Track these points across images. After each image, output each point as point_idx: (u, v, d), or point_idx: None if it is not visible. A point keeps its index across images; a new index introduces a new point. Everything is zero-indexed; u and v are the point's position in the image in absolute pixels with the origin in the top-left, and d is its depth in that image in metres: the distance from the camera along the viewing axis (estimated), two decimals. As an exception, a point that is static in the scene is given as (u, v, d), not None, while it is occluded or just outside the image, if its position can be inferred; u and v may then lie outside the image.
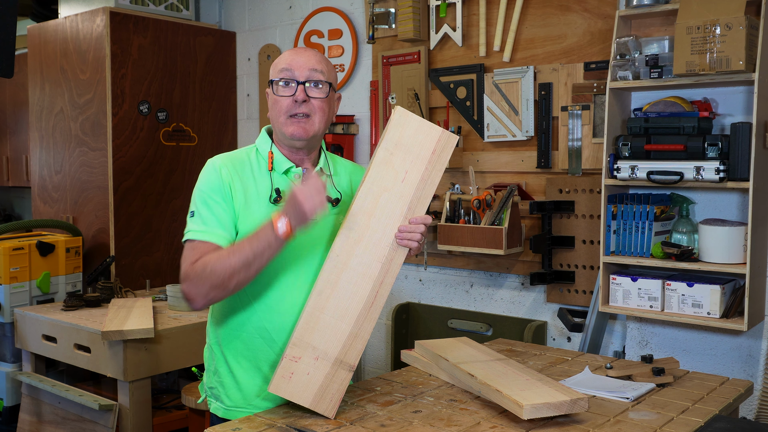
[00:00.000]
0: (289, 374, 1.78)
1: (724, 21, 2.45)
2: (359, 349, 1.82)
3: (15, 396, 3.69)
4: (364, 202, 1.83)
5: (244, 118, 4.57)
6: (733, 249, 2.58)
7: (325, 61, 1.92)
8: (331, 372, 1.80)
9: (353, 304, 1.82)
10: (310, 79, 1.87)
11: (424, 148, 1.88)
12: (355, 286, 1.82)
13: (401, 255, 1.85)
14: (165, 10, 4.27)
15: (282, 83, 1.87)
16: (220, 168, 1.87)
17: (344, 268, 1.81)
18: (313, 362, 1.79)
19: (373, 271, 1.83)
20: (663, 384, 2.12)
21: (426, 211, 1.89)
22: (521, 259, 3.31)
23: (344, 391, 1.82)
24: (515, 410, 1.77)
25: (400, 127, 1.87)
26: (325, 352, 1.80)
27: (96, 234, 4.02)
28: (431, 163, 1.88)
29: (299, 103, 1.85)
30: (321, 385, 1.79)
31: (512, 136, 3.30)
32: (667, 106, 2.70)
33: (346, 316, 1.81)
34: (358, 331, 1.82)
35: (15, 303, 3.64)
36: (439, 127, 1.91)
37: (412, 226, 1.84)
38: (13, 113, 5.16)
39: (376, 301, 1.83)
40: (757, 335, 2.72)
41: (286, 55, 1.91)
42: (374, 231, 1.83)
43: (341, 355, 1.81)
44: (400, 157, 1.86)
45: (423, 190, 1.86)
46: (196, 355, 3.24)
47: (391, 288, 1.85)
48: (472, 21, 3.44)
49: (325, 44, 4.03)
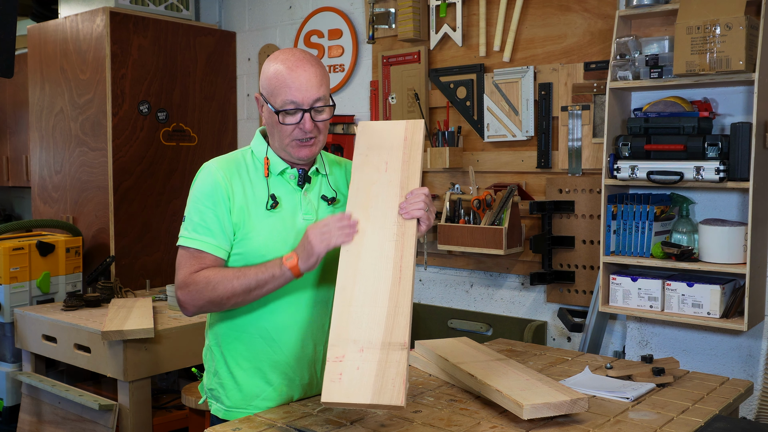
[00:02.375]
0: (338, 376, 1.62)
1: (724, 21, 2.45)
2: (404, 324, 1.67)
3: (15, 396, 3.69)
4: (356, 198, 1.84)
5: (244, 118, 4.57)
6: (733, 249, 2.58)
7: (324, 79, 1.86)
8: (382, 357, 1.63)
9: (380, 285, 1.73)
10: (315, 107, 1.84)
11: (395, 138, 1.92)
12: (375, 270, 1.75)
13: (411, 227, 1.80)
14: (165, 10, 4.27)
15: (288, 113, 1.83)
16: (216, 174, 1.86)
17: (358, 259, 1.77)
18: (359, 355, 1.64)
19: (388, 251, 1.77)
20: (663, 384, 2.12)
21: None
22: (521, 259, 3.31)
23: (405, 373, 1.60)
24: (515, 410, 1.77)
25: (366, 135, 1.94)
26: (369, 341, 1.66)
27: (96, 234, 4.02)
28: (407, 147, 1.90)
29: (306, 131, 1.84)
30: (377, 374, 1.61)
31: (512, 136, 3.30)
32: (667, 106, 2.70)
33: (377, 299, 1.72)
34: (396, 307, 1.70)
35: (15, 303, 3.64)
36: (403, 120, 1.95)
37: (411, 198, 1.80)
38: (13, 113, 5.16)
39: (403, 275, 1.74)
40: (757, 335, 2.72)
41: (285, 76, 1.81)
42: (375, 218, 1.81)
43: (386, 337, 1.66)
44: (375, 154, 1.90)
45: (409, 170, 1.87)
46: (196, 355, 3.23)
47: (414, 261, 1.77)
48: (472, 21, 3.44)
49: (325, 44, 4.03)
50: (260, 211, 1.87)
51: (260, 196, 1.88)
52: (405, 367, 1.61)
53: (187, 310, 1.84)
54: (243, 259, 1.86)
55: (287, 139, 1.86)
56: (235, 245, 1.86)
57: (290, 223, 1.88)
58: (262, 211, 1.87)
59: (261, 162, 1.92)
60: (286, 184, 1.92)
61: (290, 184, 1.92)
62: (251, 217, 1.85)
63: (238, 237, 1.85)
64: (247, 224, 1.85)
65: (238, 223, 1.85)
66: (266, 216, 1.87)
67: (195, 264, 1.82)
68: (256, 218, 1.86)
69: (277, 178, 1.91)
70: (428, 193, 1.82)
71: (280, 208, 1.88)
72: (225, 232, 1.84)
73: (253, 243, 1.85)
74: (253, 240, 1.85)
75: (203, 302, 1.80)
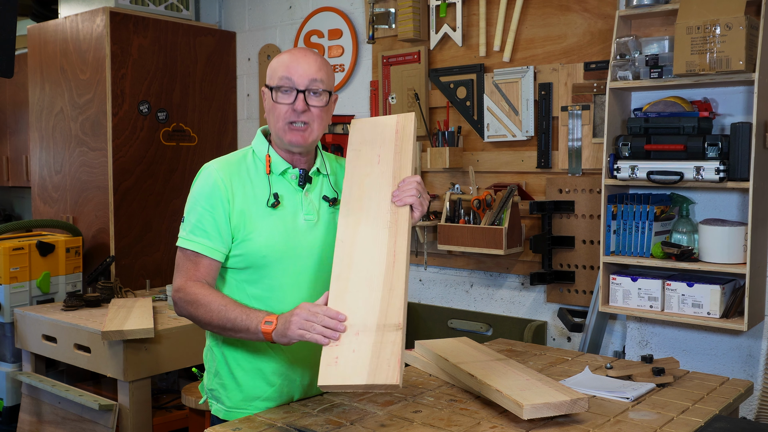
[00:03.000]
0: (334, 359, 1.63)
1: (724, 21, 2.45)
2: (399, 306, 1.68)
3: (15, 396, 3.69)
4: (351, 191, 1.87)
5: (244, 118, 4.57)
6: (733, 249, 2.58)
7: (324, 66, 1.89)
8: (377, 339, 1.64)
9: (374, 269, 1.74)
10: (310, 88, 1.85)
11: (387, 131, 1.95)
12: (369, 255, 1.76)
13: (404, 214, 1.81)
14: (165, 10, 4.27)
15: (282, 91, 1.85)
16: (216, 175, 1.85)
17: (353, 247, 1.78)
18: (354, 338, 1.65)
19: (382, 238, 1.79)
20: (663, 384, 2.12)
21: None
22: (521, 259, 3.31)
23: (400, 353, 1.61)
24: (515, 410, 1.77)
25: (359, 131, 1.97)
26: (364, 324, 1.67)
27: (96, 234, 4.02)
28: (398, 139, 1.92)
29: (299, 112, 1.84)
30: (372, 356, 1.62)
31: (512, 136, 3.30)
32: (667, 106, 2.70)
33: (371, 282, 1.72)
34: (390, 289, 1.71)
35: (15, 303, 3.64)
36: (394, 114, 1.99)
37: (403, 186, 1.81)
38: (13, 113, 5.16)
39: (396, 259, 1.75)
40: (757, 335, 2.72)
41: (285, 59, 1.87)
42: (369, 208, 1.83)
43: (381, 319, 1.67)
44: (367, 149, 1.93)
45: (401, 161, 1.89)
46: (196, 355, 3.23)
47: (408, 247, 1.78)
48: (472, 21, 3.44)
49: (325, 44, 4.03)
50: (261, 210, 1.87)
51: (261, 195, 1.88)
52: (400, 347, 1.62)
53: (176, 311, 1.88)
54: (244, 260, 1.86)
55: (281, 123, 1.86)
56: (236, 247, 1.86)
57: (291, 224, 1.88)
58: (263, 209, 1.87)
59: (262, 160, 1.92)
60: (287, 184, 1.92)
61: (291, 185, 1.92)
62: (252, 217, 1.85)
63: (239, 239, 1.85)
64: (248, 225, 1.85)
65: (238, 225, 1.84)
66: (267, 215, 1.86)
67: (191, 267, 1.84)
68: (257, 218, 1.86)
69: (279, 178, 1.91)
70: (420, 181, 1.83)
71: (281, 207, 1.88)
72: (221, 234, 1.84)
73: (254, 244, 1.85)
74: (254, 241, 1.85)
75: (186, 313, 1.84)
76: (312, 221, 1.90)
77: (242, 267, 1.87)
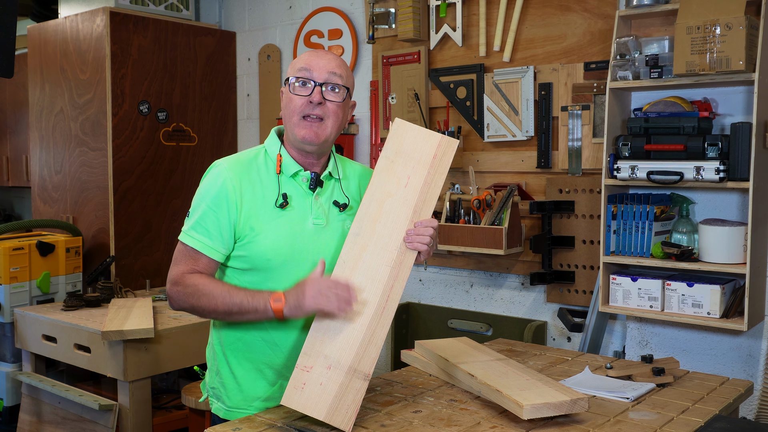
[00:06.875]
0: (302, 385, 1.70)
1: (724, 21, 2.45)
2: (373, 357, 1.74)
3: (15, 396, 3.69)
4: (368, 208, 1.82)
5: (244, 118, 4.57)
6: (733, 249, 2.58)
7: (344, 66, 1.89)
8: (345, 381, 1.71)
9: (364, 309, 1.76)
10: (328, 82, 1.83)
11: (425, 153, 1.87)
12: (364, 292, 1.77)
13: (410, 258, 1.82)
14: (165, 10, 4.27)
15: (299, 83, 1.84)
16: (225, 175, 1.83)
17: (352, 274, 1.77)
18: (325, 372, 1.71)
19: (382, 276, 1.78)
20: (663, 384, 2.12)
21: (431, 215, 1.87)
22: (521, 259, 3.31)
23: (360, 402, 1.72)
24: (515, 410, 1.77)
25: (399, 136, 1.88)
26: (338, 361, 1.72)
27: (96, 234, 4.03)
28: (433, 167, 1.86)
29: (314, 104, 1.82)
30: (335, 396, 1.70)
31: (512, 136, 3.30)
32: (667, 106, 2.70)
33: (359, 319, 1.75)
34: (371, 337, 1.75)
35: (15, 303, 3.64)
36: (439, 133, 1.91)
37: (420, 228, 1.81)
38: (13, 113, 5.16)
39: (388, 305, 1.77)
40: (757, 335, 2.72)
41: (306, 55, 1.88)
42: (381, 236, 1.80)
43: (355, 363, 1.73)
44: (401, 163, 1.86)
45: (427, 194, 1.85)
46: (196, 355, 3.24)
47: (402, 292, 1.80)
48: (472, 21, 3.44)
49: (325, 44, 4.03)
50: (269, 212, 1.84)
51: (270, 196, 1.85)
52: (361, 397, 1.72)
53: (172, 305, 1.86)
54: (247, 261, 1.85)
55: (295, 117, 1.84)
56: (241, 247, 1.84)
57: (299, 227, 1.86)
58: (271, 210, 1.84)
59: (274, 161, 1.89)
60: (297, 186, 1.89)
61: (302, 187, 1.89)
62: (260, 218, 1.83)
63: (245, 240, 1.83)
64: (256, 227, 1.82)
65: (245, 226, 1.82)
66: (275, 216, 1.84)
67: (189, 263, 1.83)
68: (265, 219, 1.83)
69: (289, 180, 1.89)
70: (436, 227, 1.83)
71: (290, 208, 1.86)
72: (222, 235, 1.82)
73: (260, 246, 1.82)
74: (260, 243, 1.82)
75: (187, 306, 1.82)
76: (321, 225, 1.88)
77: (245, 268, 1.86)
